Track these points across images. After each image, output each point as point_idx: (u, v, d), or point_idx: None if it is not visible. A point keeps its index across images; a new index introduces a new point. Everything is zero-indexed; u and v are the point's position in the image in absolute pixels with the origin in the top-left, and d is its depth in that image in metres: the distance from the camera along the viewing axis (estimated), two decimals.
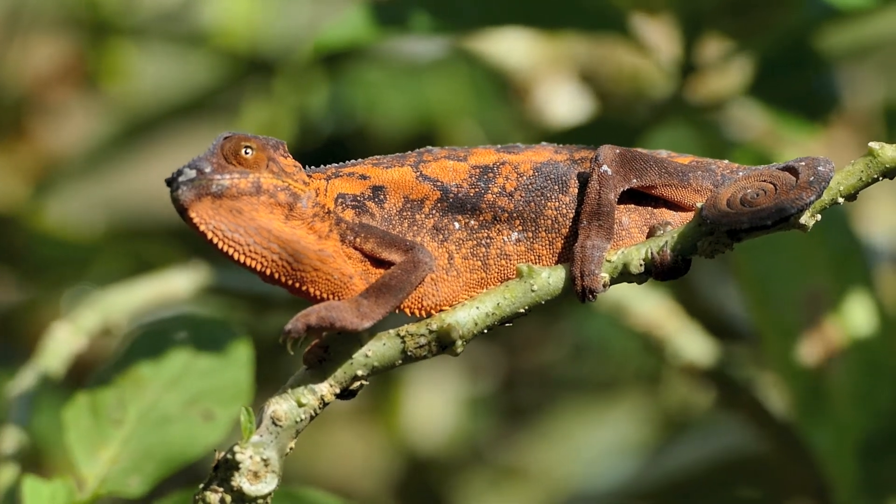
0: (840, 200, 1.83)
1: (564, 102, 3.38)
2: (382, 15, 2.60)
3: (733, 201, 1.83)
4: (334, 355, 1.86)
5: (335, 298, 1.86)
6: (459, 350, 1.87)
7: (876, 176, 1.83)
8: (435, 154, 1.91)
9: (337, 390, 1.86)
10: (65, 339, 2.51)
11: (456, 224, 1.89)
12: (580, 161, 1.89)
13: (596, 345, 3.79)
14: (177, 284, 2.69)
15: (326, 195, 1.88)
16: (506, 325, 1.89)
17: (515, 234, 1.88)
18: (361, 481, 3.98)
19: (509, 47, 3.39)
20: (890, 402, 2.55)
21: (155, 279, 2.67)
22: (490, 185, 1.89)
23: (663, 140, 2.70)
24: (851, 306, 2.57)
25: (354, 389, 1.87)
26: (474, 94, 3.55)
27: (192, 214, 1.84)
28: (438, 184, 1.89)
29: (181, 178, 1.84)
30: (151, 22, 3.77)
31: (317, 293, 1.86)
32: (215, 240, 1.84)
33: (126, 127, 3.74)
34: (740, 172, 1.90)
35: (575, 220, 1.87)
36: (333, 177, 1.89)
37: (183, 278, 2.69)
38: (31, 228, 3.54)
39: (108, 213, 3.78)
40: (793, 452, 2.85)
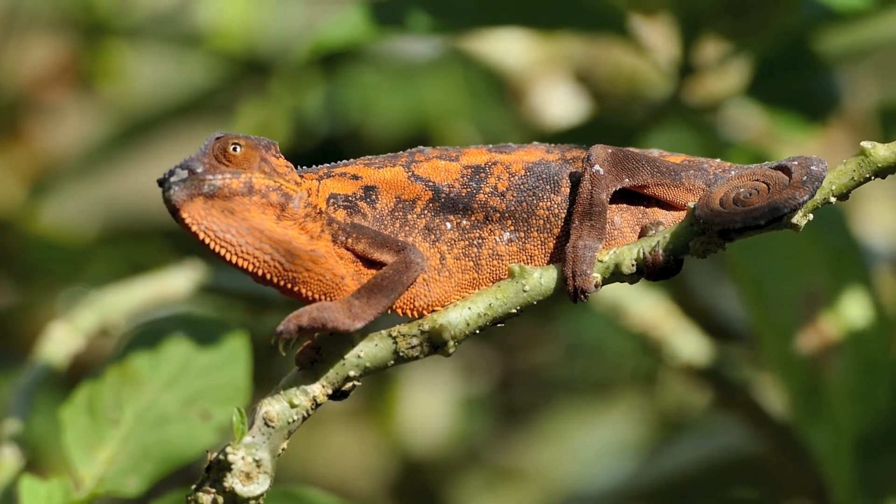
0: (832, 200, 1.83)
1: (561, 103, 3.37)
2: (379, 15, 2.60)
3: (726, 201, 1.83)
4: (326, 356, 1.86)
5: (327, 299, 1.86)
6: (451, 351, 1.87)
7: (868, 175, 1.83)
8: (427, 154, 1.91)
9: (329, 391, 1.86)
10: (62, 340, 2.52)
11: (448, 224, 1.88)
12: (572, 161, 1.89)
13: (591, 345, 3.79)
14: (174, 284, 2.69)
15: (318, 195, 1.88)
16: (498, 326, 1.88)
17: (507, 235, 1.88)
18: (357, 482, 3.98)
19: (505, 48, 3.39)
20: (887, 401, 2.55)
21: (152, 279, 2.67)
22: (482, 185, 1.88)
23: (660, 141, 2.69)
24: (848, 305, 2.57)
25: (346, 390, 1.87)
26: (470, 95, 3.55)
27: (184, 215, 1.84)
28: (430, 184, 1.89)
29: (173, 179, 1.84)
30: (147, 23, 3.77)
31: (308, 294, 1.86)
32: (207, 240, 1.84)
33: (122, 128, 3.74)
34: (732, 171, 1.89)
35: (567, 220, 1.87)
36: (325, 177, 1.89)
37: (180, 278, 2.69)
38: (27, 230, 3.54)
39: (104, 215, 3.77)
40: (790, 452, 2.85)
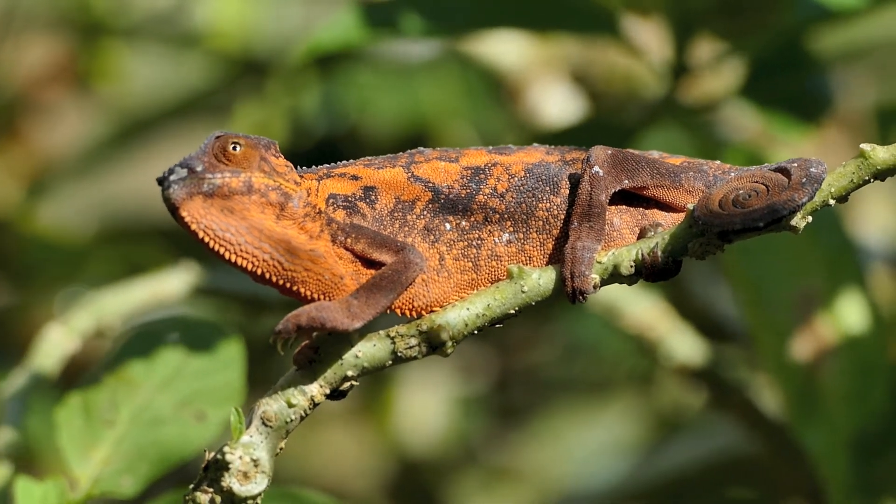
0: (831, 202, 1.83)
1: (557, 103, 3.37)
2: (374, 17, 2.60)
3: (725, 202, 1.83)
4: (324, 356, 1.86)
5: (326, 299, 1.86)
6: (449, 351, 1.87)
7: (867, 177, 1.83)
8: (427, 155, 1.91)
9: (327, 391, 1.86)
10: (58, 341, 2.51)
11: (447, 225, 1.88)
12: (571, 162, 1.89)
13: (588, 346, 3.79)
14: (169, 286, 2.68)
15: (318, 195, 1.88)
16: (496, 326, 1.88)
17: (506, 236, 1.88)
18: (354, 481, 3.98)
19: (502, 49, 3.39)
20: (882, 403, 2.55)
21: (148, 280, 2.67)
22: (481, 187, 1.89)
23: (656, 141, 2.70)
24: (844, 307, 2.57)
25: (344, 390, 1.87)
26: (467, 96, 3.55)
27: (184, 213, 1.84)
28: (430, 185, 1.89)
29: (172, 177, 1.84)
30: (144, 23, 3.77)
31: (307, 293, 1.86)
32: (206, 239, 1.84)
33: (119, 129, 3.73)
34: (732, 173, 1.89)
35: (566, 222, 1.87)
36: (325, 177, 1.89)
37: (176, 280, 2.69)
38: (24, 230, 3.53)
39: (102, 215, 3.77)
40: (786, 453, 2.85)
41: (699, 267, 3.31)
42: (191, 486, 1.85)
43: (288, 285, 1.86)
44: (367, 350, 1.86)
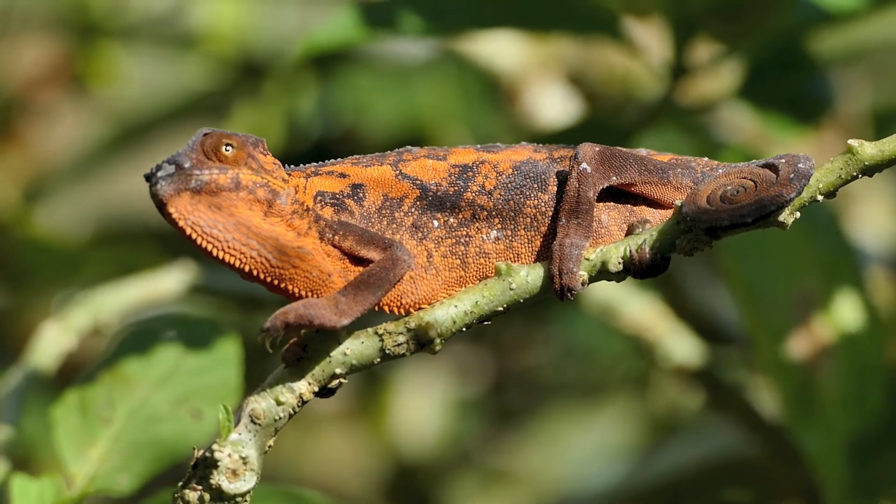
0: (819, 198, 1.83)
1: (554, 104, 3.37)
2: (372, 16, 2.60)
3: (713, 198, 1.82)
4: (312, 353, 1.85)
5: (314, 296, 1.86)
6: (438, 348, 1.86)
7: (855, 173, 1.82)
8: (414, 153, 1.91)
9: (315, 388, 1.86)
10: (54, 339, 2.52)
11: (435, 222, 1.88)
12: (559, 160, 1.89)
13: (584, 348, 3.79)
14: (166, 284, 2.69)
15: (305, 193, 1.88)
16: (485, 324, 1.88)
17: (494, 233, 1.88)
18: (349, 483, 3.97)
19: (499, 49, 3.39)
20: (879, 404, 2.55)
21: (144, 279, 2.67)
22: (469, 184, 1.88)
23: (652, 142, 2.69)
24: (841, 308, 2.56)
25: (333, 388, 1.87)
26: (463, 97, 3.55)
27: (171, 209, 1.84)
28: (418, 182, 1.89)
29: (160, 173, 1.84)
30: (140, 25, 3.77)
31: (295, 290, 1.86)
32: (194, 235, 1.84)
33: (115, 131, 3.74)
34: (720, 170, 1.89)
35: (554, 219, 1.87)
36: (312, 175, 1.89)
37: (172, 278, 2.69)
38: (20, 233, 3.53)
39: (98, 218, 3.77)
40: (783, 454, 2.85)
41: (695, 268, 3.30)
42: (179, 484, 1.85)
43: (276, 282, 1.86)
44: (356, 347, 1.86)
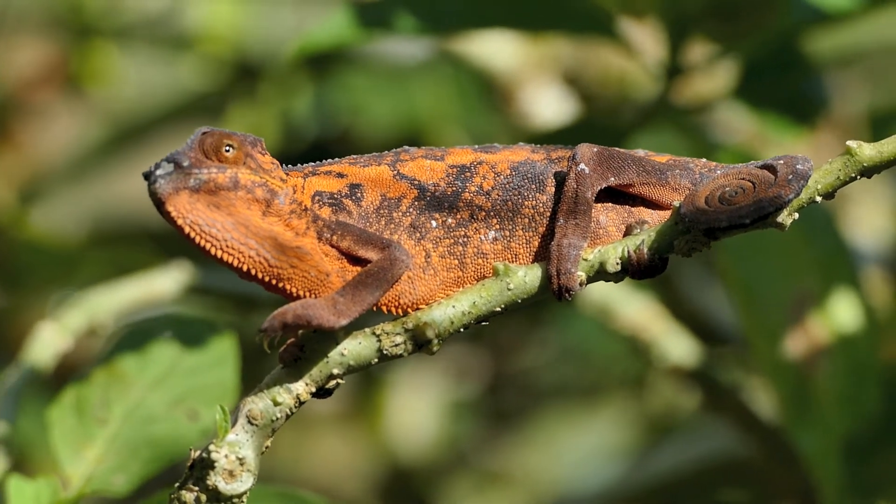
0: (818, 199, 1.83)
1: (550, 105, 3.37)
2: (367, 16, 2.60)
3: (711, 199, 1.82)
4: (310, 354, 1.85)
5: (312, 296, 1.85)
6: (435, 349, 1.86)
7: (854, 174, 1.82)
8: (412, 153, 1.91)
9: (313, 389, 1.85)
10: (50, 339, 2.51)
11: (433, 222, 1.88)
12: (557, 160, 1.89)
13: (580, 349, 3.79)
14: (162, 285, 2.68)
15: (304, 192, 1.87)
16: (482, 324, 1.88)
17: (492, 233, 1.88)
18: (345, 485, 3.97)
19: (495, 50, 3.38)
20: (876, 405, 2.55)
21: (140, 279, 2.66)
22: (467, 184, 1.88)
23: (648, 143, 2.68)
24: (838, 309, 2.56)
25: (330, 388, 1.87)
26: (459, 98, 3.55)
27: (170, 208, 1.83)
28: (416, 182, 1.89)
29: (158, 172, 1.83)
30: (136, 25, 3.77)
31: (293, 290, 1.85)
32: (192, 234, 1.84)
33: (111, 131, 3.73)
34: (718, 171, 1.89)
35: (552, 219, 1.87)
36: (310, 174, 1.89)
37: (168, 278, 2.69)
38: (16, 234, 3.53)
39: (94, 219, 3.77)
40: (779, 455, 2.85)
41: (692, 269, 3.30)
42: (176, 485, 1.84)
43: (273, 282, 1.86)
44: (353, 348, 1.85)
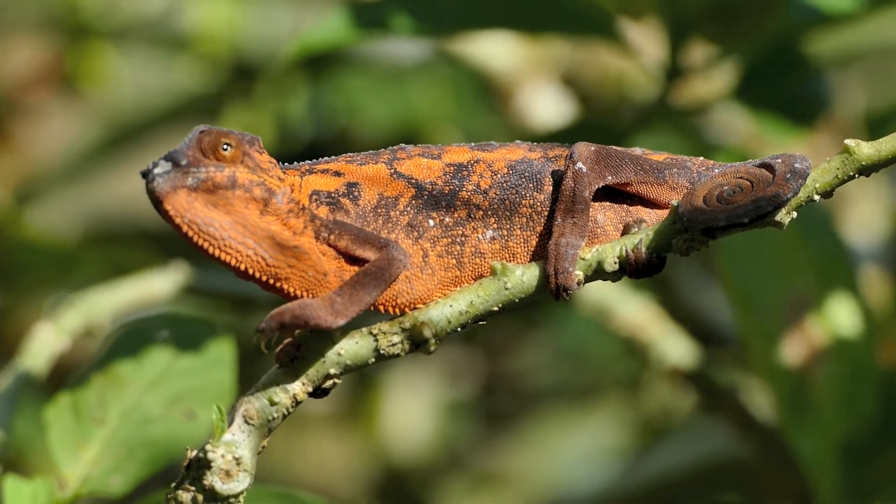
0: (816, 198, 1.82)
1: (547, 106, 3.37)
2: (365, 17, 2.60)
3: (709, 198, 1.82)
4: (307, 354, 1.85)
5: (309, 296, 1.85)
6: (433, 348, 1.86)
7: (852, 173, 1.82)
8: (409, 152, 1.91)
9: (309, 389, 1.85)
10: (47, 340, 2.51)
11: (431, 221, 1.88)
12: (555, 159, 1.89)
13: (575, 350, 3.78)
14: (159, 285, 2.68)
15: (301, 192, 1.87)
16: (480, 324, 1.88)
17: (490, 232, 1.87)
18: (340, 486, 3.97)
19: (492, 51, 3.38)
20: (873, 406, 2.54)
21: (137, 280, 2.66)
22: (464, 183, 1.88)
23: (647, 144, 2.68)
24: (835, 310, 2.56)
25: (327, 388, 1.86)
26: (456, 99, 3.54)
27: (168, 207, 1.82)
28: (413, 181, 1.88)
29: (157, 170, 1.83)
30: (132, 26, 3.76)
31: (291, 290, 1.85)
32: (190, 233, 1.83)
33: (107, 132, 3.73)
34: (716, 169, 1.89)
35: (550, 218, 1.86)
36: (307, 173, 1.88)
37: (165, 279, 2.68)
38: (11, 234, 3.52)
39: (90, 219, 3.76)
40: (776, 457, 2.84)
41: (689, 269, 3.30)
42: (173, 485, 1.84)
43: (271, 281, 1.85)
44: (350, 347, 1.85)
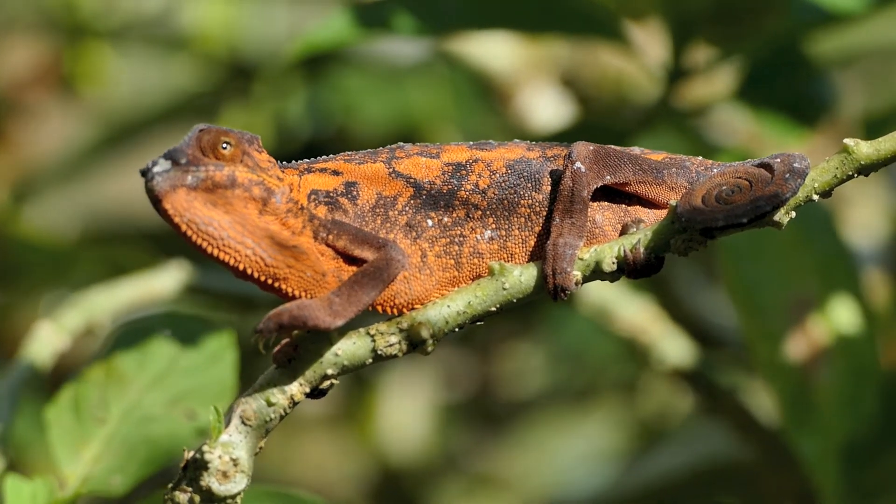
0: (815, 197, 1.82)
1: (547, 107, 3.36)
2: (366, 16, 2.60)
3: (708, 198, 1.81)
4: (304, 354, 1.84)
5: (307, 296, 1.84)
6: (430, 349, 1.85)
7: (851, 173, 1.82)
8: (407, 150, 1.90)
9: (307, 389, 1.84)
10: (48, 339, 2.50)
11: (429, 221, 1.87)
12: (553, 158, 1.88)
13: (573, 351, 3.78)
14: (159, 285, 2.67)
15: (300, 191, 1.86)
16: (477, 324, 1.87)
17: (488, 233, 1.87)
18: (335, 487, 3.97)
19: (491, 51, 3.38)
20: (876, 408, 2.54)
21: (138, 279, 2.65)
22: (463, 183, 1.87)
23: (648, 145, 2.67)
24: (838, 312, 2.56)
25: (324, 389, 1.86)
26: (455, 99, 3.54)
27: (167, 206, 1.82)
28: (411, 180, 1.88)
29: (156, 169, 1.82)
30: (130, 26, 3.76)
31: (289, 290, 1.84)
32: (189, 232, 1.82)
33: (104, 131, 3.73)
34: (715, 169, 1.88)
35: (548, 218, 1.86)
36: (306, 172, 1.88)
37: (166, 278, 2.68)
38: (9, 233, 3.52)
39: (87, 218, 3.76)
40: (777, 458, 2.84)
41: (689, 270, 3.30)
42: (170, 486, 1.83)
43: (270, 281, 1.84)
44: (347, 348, 1.84)
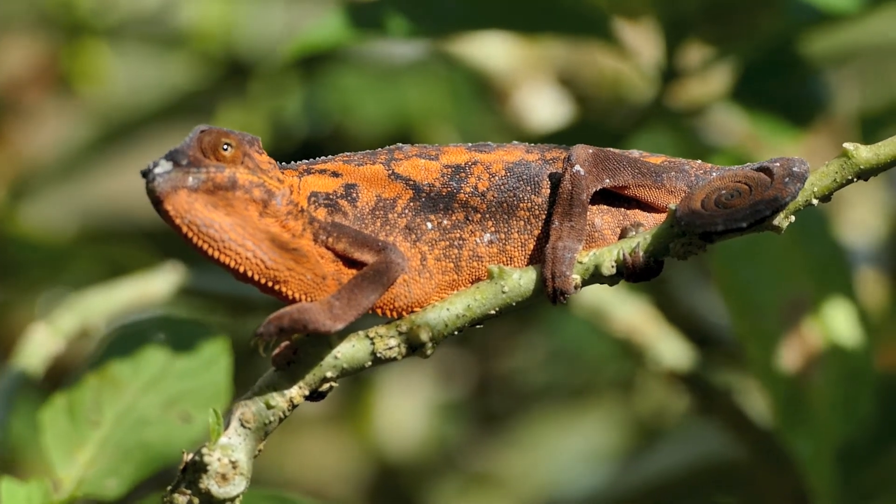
0: (815, 201, 1.82)
1: (544, 107, 3.36)
2: (362, 17, 2.60)
3: (707, 202, 1.81)
4: (303, 357, 1.84)
5: (307, 299, 1.84)
6: (429, 352, 1.85)
7: (850, 177, 1.81)
8: (406, 152, 1.90)
9: (306, 392, 1.85)
10: (42, 341, 2.50)
11: (429, 224, 1.87)
12: (552, 161, 1.88)
13: (569, 351, 3.78)
14: (155, 286, 2.67)
15: (300, 193, 1.86)
16: (477, 327, 1.87)
17: (488, 236, 1.87)
18: (333, 486, 3.97)
19: (488, 51, 3.38)
20: (870, 410, 2.54)
21: (133, 281, 2.65)
22: (462, 185, 1.87)
23: (643, 145, 2.68)
24: (832, 313, 2.56)
25: (324, 391, 1.86)
26: (453, 98, 3.54)
27: (168, 207, 1.81)
28: (411, 182, 1.88)
29: (157, 170, 1.81)
30: (127, 24, 3.76)
31: (289, 293, 1.84)
32: (189, 234, 1.82)
33: (101, 130, 3.72)
34: (714, 173, 1.88)
35: (547, 222, 1.86)
36: (305, 173, 1.88)
37: (161, 280, 2.67)
38: (6, 231, 3.52)
39: (84, 217, 3.76)
40: (772, 459, 2.84)
41: (684, 272, 3.30)
42: (168, 488, 1.83)
43: (270, 284, 1.84)
44: (347, 351, 1.84)
